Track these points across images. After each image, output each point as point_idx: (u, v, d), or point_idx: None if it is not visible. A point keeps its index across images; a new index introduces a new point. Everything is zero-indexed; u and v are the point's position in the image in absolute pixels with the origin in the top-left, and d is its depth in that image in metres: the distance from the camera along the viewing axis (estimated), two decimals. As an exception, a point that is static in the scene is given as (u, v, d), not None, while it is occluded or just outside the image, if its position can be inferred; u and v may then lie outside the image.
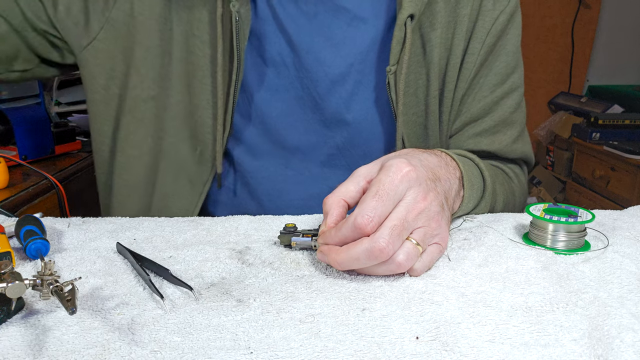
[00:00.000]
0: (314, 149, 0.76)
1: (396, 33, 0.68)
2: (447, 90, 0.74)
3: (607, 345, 0.37)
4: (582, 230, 0.54)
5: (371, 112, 0.74)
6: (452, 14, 0.72)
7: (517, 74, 0.77)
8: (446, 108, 0.75)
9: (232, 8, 0.66)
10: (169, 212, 0.75)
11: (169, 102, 0.72)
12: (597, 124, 2.33)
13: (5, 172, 0.97)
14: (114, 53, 0.71)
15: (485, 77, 0.75)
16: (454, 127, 0.77)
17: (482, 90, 0.75)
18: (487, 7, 0.73)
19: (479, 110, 0.76)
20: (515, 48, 0.76)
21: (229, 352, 0.37)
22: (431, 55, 0.72)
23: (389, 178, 0.47)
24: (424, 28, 0.71)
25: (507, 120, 0.77)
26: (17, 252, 0.53)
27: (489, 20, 0.73)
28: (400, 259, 0.46)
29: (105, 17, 0.70)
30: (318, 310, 0.42)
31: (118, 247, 0.54)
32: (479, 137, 0.77)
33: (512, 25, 0.75)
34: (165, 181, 0.75)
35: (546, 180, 2.66)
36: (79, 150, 1.31)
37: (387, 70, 0.69)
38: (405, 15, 0.67)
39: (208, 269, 0.50)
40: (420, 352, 0.37)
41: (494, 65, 0.75)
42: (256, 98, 0.73)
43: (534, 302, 0.43)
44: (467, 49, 0.73)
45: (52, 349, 0.37)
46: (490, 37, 0.73)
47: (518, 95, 0.78)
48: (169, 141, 0.73)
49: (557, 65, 2.75)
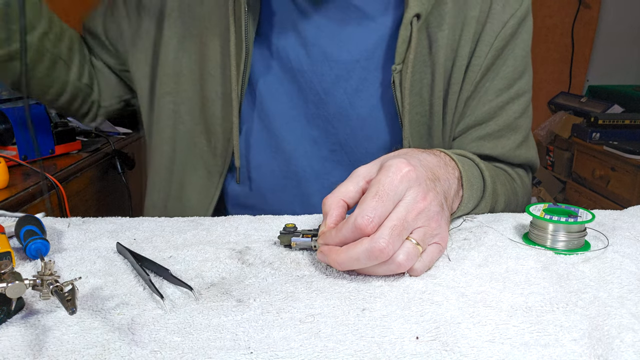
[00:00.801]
0: (315, 143, 0.76)
1: (402, 32, 0.68)
2: (452, 92, 0.74)
3: (607, 345, 0.37)
4: (582, 230, 0.54)
5: (375, 109, 0.74)
6: (460, 15, 0.71)
7: (524, 79, 0.76)
8: (450, 110, 0.75)
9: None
10: (188, 201, 0.78)
11: (184, 96, 0.76)
12: (597, 124, 2.33)
13: (5, 172, 0.97)
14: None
15: (492, 81, 0.74)
16: (457, 130, 0.77)
17: (488, 94, 0.75)
18: (496, 10, 0.71)
19: (484, 114, 0.75)
20: (525, 53, 0.75)
21: (229, 352, 0.37)
22: (437, 55, 0.71)
23: (389, 178, 0.47)
24: (432, 28, 0.71)
25: (512, 126, 0.76)
26: (17, 252, 0.53)
27: (497, 24, 0.71)
28: (400, 259, 0.46)
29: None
30: (318, 310, 0.42)
31: (118, 247, 0.54)
32: (482, 141, 0.76)
33: (523, 29, 0.73)
34: (183, 172, 0.78)
35: (546, 180, 2.66)
36: (79, 150, 1.31)
37: (392, 69, 0.69)
38: (411, 15, 0.67)
39: (208, 269, 0.50)
40: (420, 352, 0.37)
41: (501, 69, 0.74)
42: (261, 89, 0.74)
43: (534, 302, 0.43)
44: (474, 51, 0.73)
45: (52, 349, 0.37)
46: (499, 40, 0.72)
47: (525, 100, 0.77)
48: (185, 133, 0.77)
49: (557, 65, 2.75)
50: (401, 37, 0.68)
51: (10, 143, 1.17)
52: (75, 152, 1.30)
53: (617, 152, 2.18)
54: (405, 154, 0.54)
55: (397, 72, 0.69)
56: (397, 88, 0.70)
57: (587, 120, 2.41)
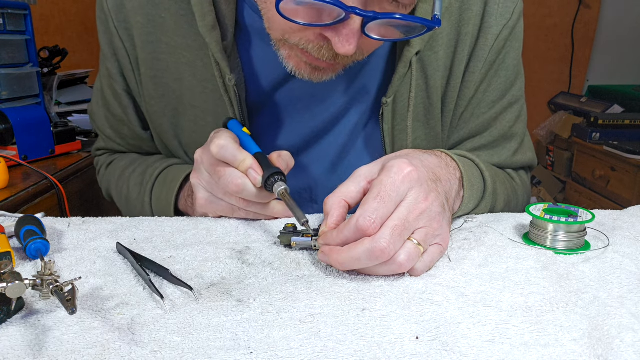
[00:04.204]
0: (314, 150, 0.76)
1: (400, 69, 0.66)
2: (447, 110, 0.72)
3: (607, 345, 0.37)
4: (582, 230, 0.54)
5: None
6: (454, 33, 0.69)
7: (517, 86, 0.74)
8: (445, 127, 0.74)
9: (228, 82, 0.66)
10: None
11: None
12: (597, 124, 2.33)
13: (5, 172, 0.97)
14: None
15: (484, 93, 0.72)
16: (451, 142, 0.76)
17: (481, 107, 0.73)
18: (489, 23, 0.68)
19: (478, 126, 0.74)
20: (516, 61, 0.73)
21: (229, 352, 0.37)
22: (434, 79, 0.69)
23: (391, 179, 0.47)
24: (424, 52, 0.68)
25: (507, 135, 0.75)
26: (17, 252, 0.53)
27: (491, 38, 0.69)
28: (401, 259, 0.46)
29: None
30: (318, 310, 0.42)
31: (118, 247, 0.54)
32: (477, 152, 0.75)
33: (513, 37, 0.71)
34: None
35: (546, 180, 2.66)
36: (79, 150, 1.31)
37: (382, 102, 0.68)
38: (412, 53, 0.65)
39: (208, 269, 0.50)
40: (420, 352, 0.37)
41: (494, 80, 0.72)
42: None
43: (534, 302, 0.43)
44: (468, 67, 0.70)
45: (52, 349, 0.37)
46: (492, 54, 0.70)
47: (518, 107, 0.76)
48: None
49: (557, 65, 2.75)
50: (398, 73, 0.66)
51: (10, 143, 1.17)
52: (75, 152, 1.30)
53: (617, 152, 2.17)
54: (406, 155, 0.54)
55: (388, 105, 0.68)
56: (386, 120, 0.69)
57: (587, 120, 2.41)
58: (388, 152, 0.71)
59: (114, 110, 0.80)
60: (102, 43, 0.75)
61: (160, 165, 0.76)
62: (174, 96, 0.73)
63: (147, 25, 0.70)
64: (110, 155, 0.88)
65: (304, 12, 0.51)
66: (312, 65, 0.57)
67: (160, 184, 0.73)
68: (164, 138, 0.78)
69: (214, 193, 0.62)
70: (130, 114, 0.79)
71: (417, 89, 0.69)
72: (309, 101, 0.71)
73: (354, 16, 0.49)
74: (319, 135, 0.74)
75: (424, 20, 0.51)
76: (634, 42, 2.71)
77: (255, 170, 0.57)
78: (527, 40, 0.82)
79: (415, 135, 0.72)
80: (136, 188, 0.77)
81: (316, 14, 0.51)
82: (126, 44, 0.72)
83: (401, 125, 0.70)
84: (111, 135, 0.84)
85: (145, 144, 0.83)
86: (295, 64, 0.58)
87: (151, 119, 0.77)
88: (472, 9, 0.68)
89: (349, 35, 0.50)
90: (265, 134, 0.73)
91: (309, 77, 0.59)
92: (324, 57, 0.55)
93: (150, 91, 0.74)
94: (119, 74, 0.76)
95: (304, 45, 0.54)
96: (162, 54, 0.71)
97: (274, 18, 0.54)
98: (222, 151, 0.58)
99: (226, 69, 0.65)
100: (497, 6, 0.68)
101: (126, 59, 0.74)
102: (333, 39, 0.51)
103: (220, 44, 0.65)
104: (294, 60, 0.58)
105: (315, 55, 0.55)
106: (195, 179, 0.63)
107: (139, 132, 0.81)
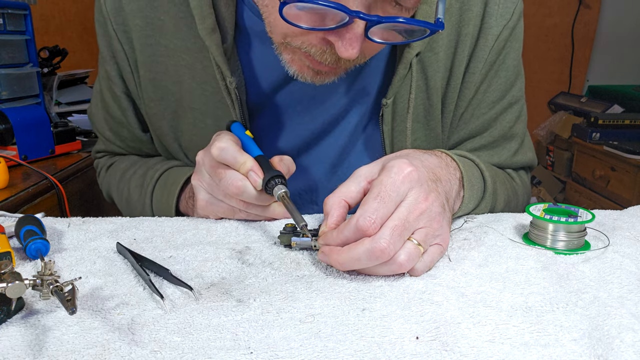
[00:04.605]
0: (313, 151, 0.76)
1: (400, 70, 0.66)
2: (447, 111, 0.72)
3: (607, 345, 0.37)
4: (582, 230, 0.54)
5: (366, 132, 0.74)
6: (454, 33, 0.68)
7: (517, 87, 0.74)
8: (445, 127, 0.74)
9: (229, 85, 0.66)
10: None
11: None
12: (597, 124, 2.33)
13: (5, 172, 0.97)
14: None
15: (484, 94, 0.72)
16: (451, 142, 0.76)
17: (481, 108, 0.73)
18: (489, 24, 0.68)
19: (478, 126, 0.74)
20: (516, 62, 0.73)
21: (229, 352, 0.37)
22: (434, 80, 0.69)
23: (391, 179, 0.47)
24: (424, 53, 0.68)
25: (507, 135, 0.75)
26: (17, 252, 0.53)
27: (491, 38, 0.69)
28: (401, 259, 0.46)
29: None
30: (318, 310, 0.42)
31: (118, 247, 0.54)
32: (477, 152, 0.75)
33: (513, 38, 0.71)
34: None
35: (546, 180, 2.66)
36: (79, 150, 1.31)
37: (382, 103, 0.68)
38: (412, 55, 0.65)
39: (208, 269, 0.50)
40: (420, 352, 0.37)
41: (494, 81, 0.72)
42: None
43: (534, 302, 0.43)
44: (468, 67, 0.70)
45: (52, 349, 0.37)
46: (492, 54, 0.70)
47: (518, 107, 0.75)
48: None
49: (557, 65, 2.75)
50: (398, 75, 0.66)
51: (10, 143, 1.17)
52: (75, 152, 1.30)
53: (617, 152, 2.17)
54: (407, 155, 0.54)
55: (387, 107, 0.68)
56: (385, 122, 0.69)
57: (587, 120, 2.41)
58: (388, 153, 0.71)
59: (113, 112, 0.80)
60: (100, 45, 0.75)
61: (160, 167, 0.76)
62: (173, 99, 0.73)
63: (145, 27, 0.70)
64: (110, 158, 0.88)
65: (306, 16, 0.51)
66: (314, 69, 0.57)
67: (161, 186, 0.73)
68: (163, 140, 0.78)
69: (214, 195, 0.62)
70: (130, 116, 0.79)
71: (417, 90, 0.69)
72: (309, 103, 0.71)
73: (358, 20, 0.49)
74: (319, 136, 0.74)
75: (427, 24, 0.51)
76: (634, 42, 2.71)
77: (255, 173, 0.57)
78: (527, 40, 0.82)
79: (415, 136, 0.72)
80: (137, 190, 0.77)
81: (319, 18, 0.51)
82: (125, 47, 0.72)
83: (401, 127, 0.70)
84: (111, 138, 0.84)
85: (145, 146, 0.83)
86: (298, 68, 0.58)
87: (150, 122, 0.77)
88: (472, 9, 0.68)
89: (352, 39, 0.50)
90: (266, 136, 0.73)
91: (311, 80, 0.59)
92: (327, 61, 0.55)
93: (149, 94, 0.74)
94: (118, 76, 0.76)
95: (307, 49, 0.54)
96: (161, 56, 0.71)
97: (276, 22, 0.53)
98: (223, 153, 0.58)
99: (227, 71, 0.65)
100: (497, 7, 0.68)
101: (125, 61, 0.73)
102: (336, 42, 0.51)
103: (220, 47, 0.65)
104: (296, 64, 0.58)
105: (318, 59, 0.55)
106: (196, 181, 0.63)
107: (139, 134, 0.81)
